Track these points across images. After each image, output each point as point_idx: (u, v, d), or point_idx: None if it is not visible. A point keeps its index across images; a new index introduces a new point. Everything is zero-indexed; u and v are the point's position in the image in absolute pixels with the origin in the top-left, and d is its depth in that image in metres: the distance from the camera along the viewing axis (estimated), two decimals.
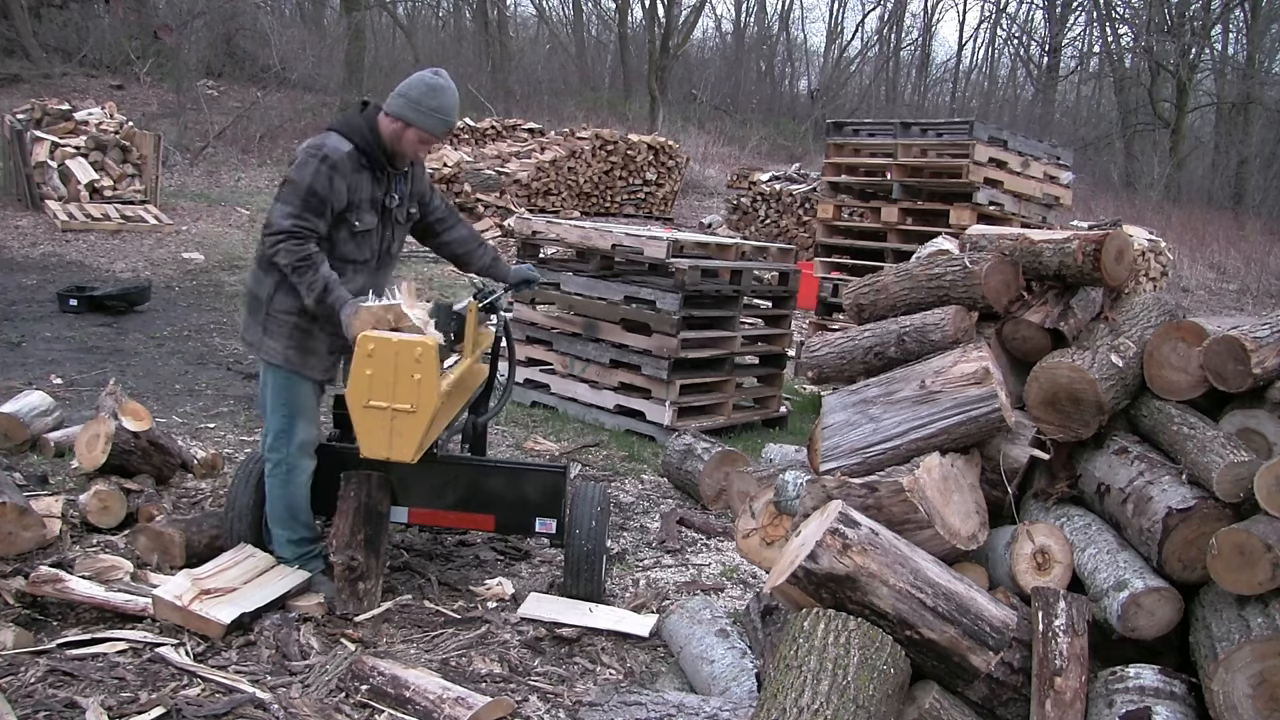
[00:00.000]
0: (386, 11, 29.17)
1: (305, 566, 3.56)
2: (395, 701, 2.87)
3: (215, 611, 3.19)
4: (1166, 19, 31.25)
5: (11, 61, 19.65)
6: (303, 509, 3.55)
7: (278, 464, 3.48)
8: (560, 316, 6.63)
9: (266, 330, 3.43)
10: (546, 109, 24.65)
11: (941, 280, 3.20)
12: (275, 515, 3.54)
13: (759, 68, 35.85)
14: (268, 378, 3.48)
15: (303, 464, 3.50)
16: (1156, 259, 10.74)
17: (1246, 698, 2.16)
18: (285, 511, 3.52)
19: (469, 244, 3.90)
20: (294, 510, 3.52)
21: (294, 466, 3.48)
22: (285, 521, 3.53)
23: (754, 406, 6.76)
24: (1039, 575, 2.58)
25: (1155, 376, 2.76)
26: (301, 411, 3.46)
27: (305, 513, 3.56)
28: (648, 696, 2.69)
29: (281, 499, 3.51)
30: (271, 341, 3.42)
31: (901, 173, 7.22)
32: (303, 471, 3.50)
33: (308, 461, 3.51)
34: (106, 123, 12.99)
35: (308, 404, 3.48)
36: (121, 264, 10.26)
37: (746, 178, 16.63)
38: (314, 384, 3.49)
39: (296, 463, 3.48)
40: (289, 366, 3.41)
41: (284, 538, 3.55)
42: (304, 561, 3.56)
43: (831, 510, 2.39)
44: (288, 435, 3.46)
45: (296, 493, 3.51)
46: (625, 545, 4.42)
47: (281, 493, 3.50)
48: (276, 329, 3.41)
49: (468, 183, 14.67)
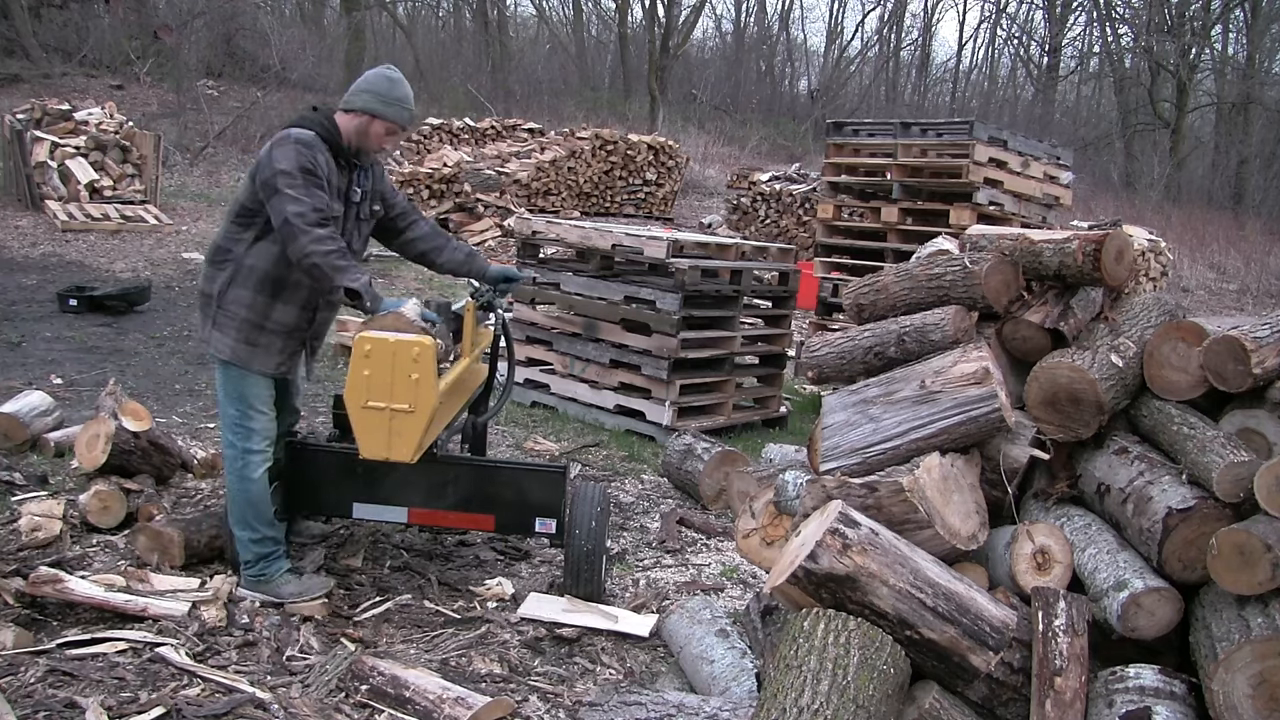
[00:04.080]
0: (386, 11, 29.18)
1: (268, 569, 3.48)
2: (395, 701, 2.87)
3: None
4: (1166, 19, 31.25)
5: (11, 61, 19.64)
6: (263, 505, 3.45)
7: (233, 459, 3.41)
8: (560, 316, 6.63)
9: (216, 324, 3.37)
10: (546, 109, 24.65)
11: (941, 280, 3.20)
12: (234, 515, 3.45)
13: (759, 68, 35.83)
14: (218, 373, 3.44)
15: (258, 459, 3.41)
16: (1156, 259, 10.74)
17: (1246, 698, 2.16)
18: (244, 509, 3.43)
19: (435, 239, 3.81)
20: (254, 507, 3.43)
21: (249, 462, 3.40)
22: (244, 521, 3.44)
23: (754, 406, 6.76)
24: (1039, 575, 2.58)
25: (1155, 376, 2.76)
26: (252, 405, 3.39)
27: (266, 509, 3.46)
28: (648, 696, 2.69)
29: (240, 495, 3.41)
30: (221, 336, 3.36)
31: (901, 173, 7.21)
32: (258, 466, 3.41)
33: (264, 457, 3.43)
34: (106, 123, 12.99)
35: (258, 397, 3.41)
36: (121, 264, 10.26)
37: (746, 178, 16.63)
38: (265, 378, 3.42)
39: (252, 458, 3.40)
40: (238, 362, 3.35)
41: (245, 538, 3.45)
42: (267, 563, 3.48)
43: (831, 510, 2.39)
44: (241, 429, 3.40)
45: (254, 488, 3.41)
46: (625, 545, 4.42)
47: (239, 488, 3.41)
48: (226, 323, 3.35)
49: (468, 183, 14.66)
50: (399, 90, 3.44)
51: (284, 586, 3.49)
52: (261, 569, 3.48)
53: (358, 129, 3.40)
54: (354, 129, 3.40)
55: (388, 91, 3.42)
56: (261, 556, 3.48)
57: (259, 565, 3.48)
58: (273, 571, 3.49)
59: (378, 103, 3.39)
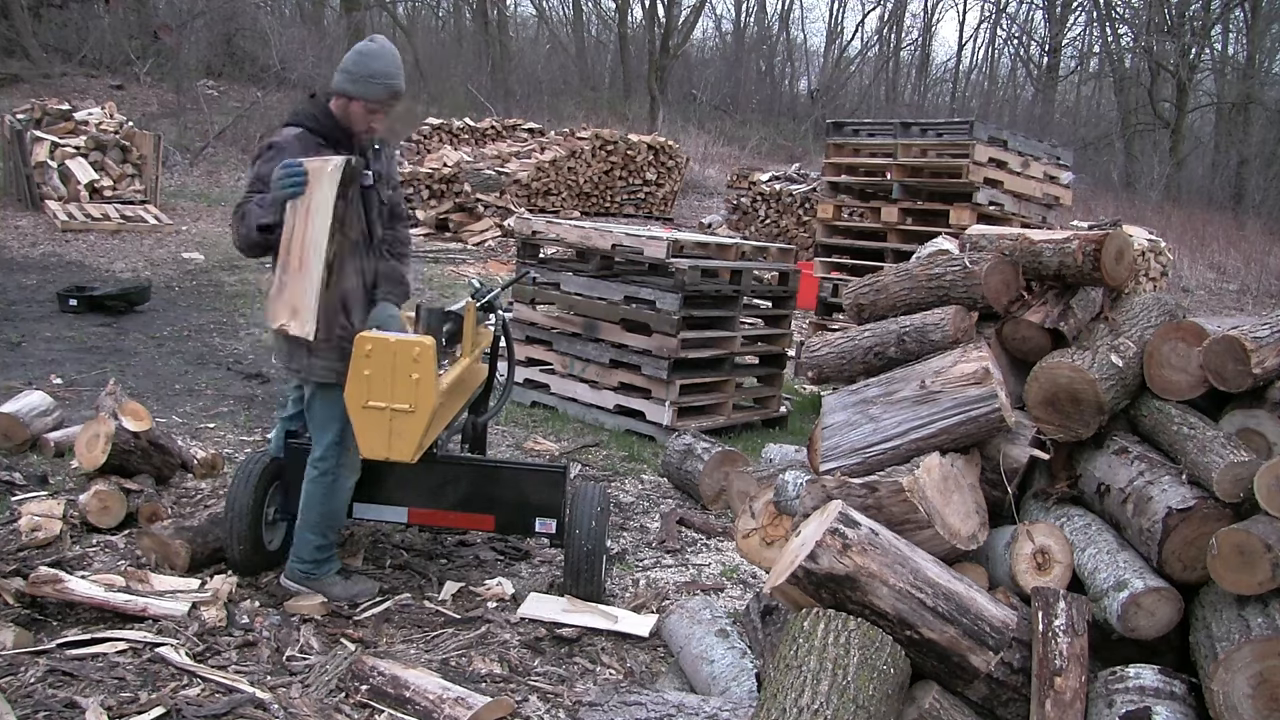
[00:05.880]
0: (386, 11, 29.17)
1: (320, 569, 3.56)
2: (395, 701, 2.87)
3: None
4: (1166, 19, 31.24)
5: (11, 61, 19.64)
6: (340, 519, 3.58)
7: (324, 473, 3.47)
8: (560, 316, 6.63)
9: (312, 350, 3.32)
10: (546, 109, 24.66)
11: (941, 280, 3.20)
12: (310, 522, 3.52)
13: (759, 68, 35.82)
14: (317, 395, 3.44)
15: (349, 475, 3.51)
16: (1156, 259, 10.74)
17: (1246, 698, 2.16)
18: (322, 519, 3.51)
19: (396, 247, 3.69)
20: (331, 519, 3.53)
21: (339, 477, 3.48)
22: (320, 528, 3.52)
23: (754, 406, 6.76)
24: (1039, 575, 2.58)
25: (1155, 376, 2.76)
26: (349, 424, 3.38)
27: (340, 522, 3.60)
28: (648, 696, 2.69)
29: (321, 507, 3.49)
30: (320, 360, 3.35)
31: (901, 173, 7.21)
32: (349, 480, 3.52)
33: (354, 474, 3.52)
34: (106, 123, 12.99)
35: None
36: (121, 264, 10.26)
37: (746, 178, 16.62)
38: None
39: (343, 474, 3.49)
40: (341, 381, 3.28)
41: (313, 542, 3.52)
42: (320, 564, 3.56)
43: (831, 510, 2.39)
44: (339, 447, 3.44)
45: (338, 502, 3.52)
46: (625, 545, 4.42)
47: (323, 502, 3.49)
48: (324, 346, 3.31)
49: (468, 183, 14.66)
50: (370, 65, 3.28)
51: (332, 588, 3.56)
52: (312, 569, 3.56)
53: (342, 111, 3.35)
54: (340, 112, 3.36)
55: (359, 69, 3.28)
56: (321, 560, 3.56)
57: (311, 566, 3.55)
58: (322, 573, 3.57)
59: (350, 83, 3.30)
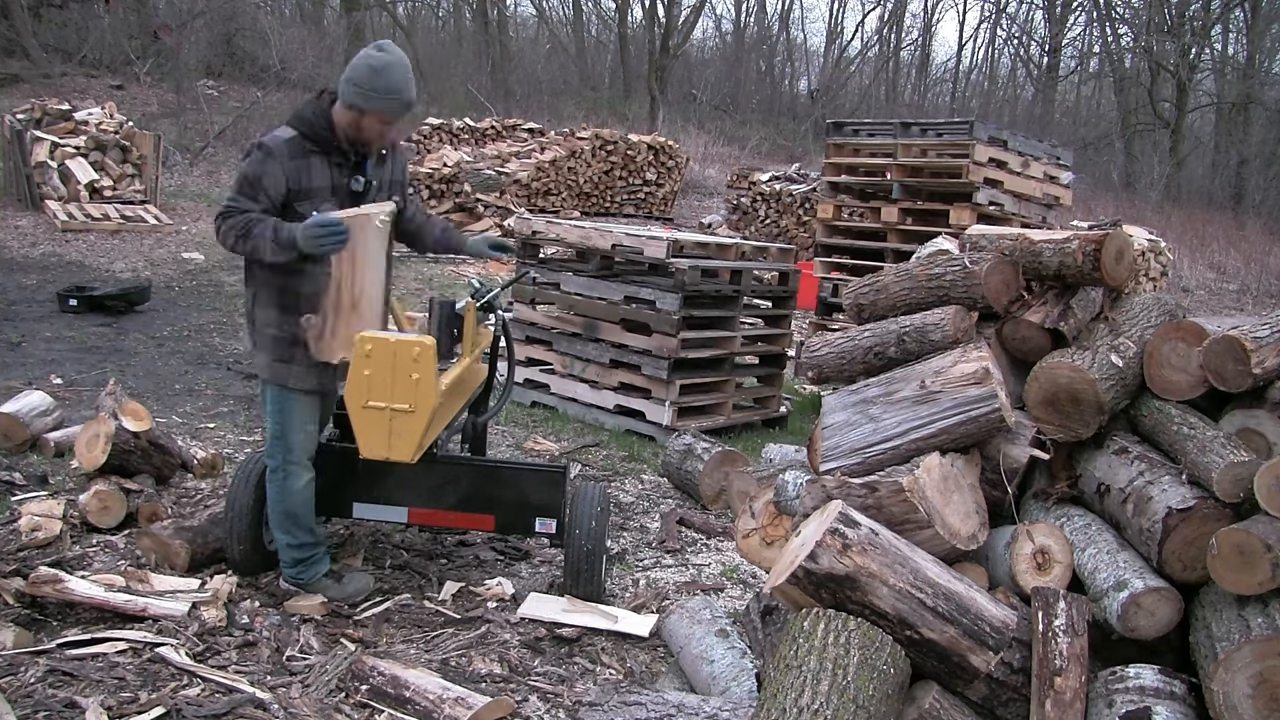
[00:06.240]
0: (386, 11, 29.17)
1: (307, 571, 3.55)
2: (395, 701, 2.87)
3: None
4: (1166, 19, 31.23)
5: (11, 61, 19.63)
6: (303, 514, 3.52)
7: (273, 470, 3.48)
8: (560, 316, 6.63)
9: (256, 344, 3.46)
10: (546, 109, 24.65)
11: (941, 280, 3.19)
12: (275, 520, 3.53)
13: (759, 68, 35.80)
14: (263, 389, 3.49)
15: (297, 471, 3.47)
16: (1156, 259, 10.74)
17: (1246, 698, 2.16)
18: (284, 517, 3.50)
19: (416, 219, 3.78)
20: (293, 515, 3.50)
21: (289, 474, 3.46)
22: (285, 526, 3.51)
23: (754, 406, 6.76)
24: (1039, 575, 2.58)
25: (1155, 376, 2.76)
26: (292, 421, 3.43)
27: (305, 518, 3.53)
28: (648, 696, 2.69)
29: (279, 504, 3.49)
30: (259, 355, 3.44)
31: (901, 173, 7.21)
32: (298, 479, 3.47)
33: (303, 469, 3.49)
34: (106, 123, 12.99)
35: (298, 413, 3.43)
36: (121, 264, 10.26)
37: (746, 178, 16.62)
38: (305, 394, 3.43)
39: (291, 470, 3.46)
40: (275, 380, 3.39)
41: (284, 542, 3.53)
42: (305, 567, 3.55)
43: (831, 510, 2.39)
44: (280, 443, 3.45)
45: (294, 499, 3.48)
46: (625, 545, 4.42)
47: (279, 498, 3.48)
48: (262, 343, 3.41)
49: (468, 183, 14.66)
50: (385, 80, 3.23)
51: (326, 591, 3.56)
52: (300, 572, 3.55)
53: (351, 123, 3.31)
54: (347, 123, 3.32)
55: (371, 83, 3.22)
56: (300, 560, 3.55)
57: (298, 568, 3.55)
58: (310, 576, 3.56)
59: (362, 98, 3.24)
